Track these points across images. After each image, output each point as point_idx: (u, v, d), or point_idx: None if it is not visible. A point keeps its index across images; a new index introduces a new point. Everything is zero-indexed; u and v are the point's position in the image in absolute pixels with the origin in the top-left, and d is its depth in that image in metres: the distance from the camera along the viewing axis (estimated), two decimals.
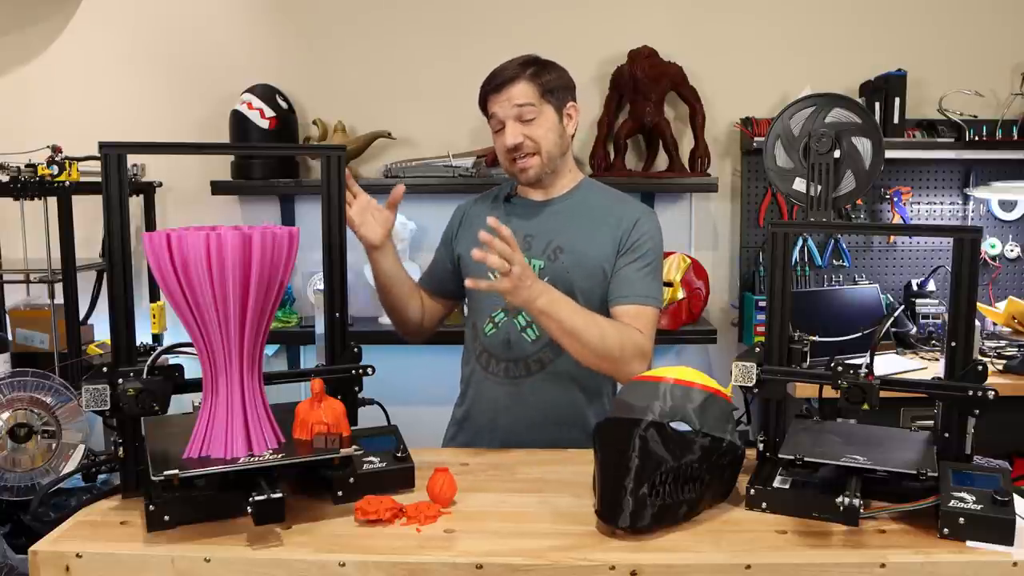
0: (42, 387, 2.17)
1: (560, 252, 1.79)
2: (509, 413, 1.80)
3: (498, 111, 1.78)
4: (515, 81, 1.76)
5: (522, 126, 1.76)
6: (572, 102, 1.84)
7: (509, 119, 1.77)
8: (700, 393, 1.29)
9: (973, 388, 1.26)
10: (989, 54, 2.99)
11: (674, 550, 1.17)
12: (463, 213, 1.97)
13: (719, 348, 3.02)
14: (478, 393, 1.85)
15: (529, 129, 1.77)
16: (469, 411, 1.87)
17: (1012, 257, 3.05)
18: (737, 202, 3.06)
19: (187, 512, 1.23)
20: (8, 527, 2.22)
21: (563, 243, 1.80)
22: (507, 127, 1.77)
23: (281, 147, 3.04)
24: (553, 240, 1.80)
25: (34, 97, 3.04)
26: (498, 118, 1.78)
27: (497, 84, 1.78)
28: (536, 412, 1.79)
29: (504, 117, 1.77)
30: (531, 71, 1.78)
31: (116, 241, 1.30)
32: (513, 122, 1.76)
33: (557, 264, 1.78)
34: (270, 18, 3.04)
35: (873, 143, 1.62)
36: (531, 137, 1.77)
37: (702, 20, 3.01)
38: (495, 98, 1.78)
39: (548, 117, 1.78)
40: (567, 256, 1.79)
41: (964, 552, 1.15)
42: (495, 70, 1.80)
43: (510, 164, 1.81)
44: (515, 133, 1.76)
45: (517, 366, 1.79)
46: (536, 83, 1.77)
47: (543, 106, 1.77)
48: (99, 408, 1.28)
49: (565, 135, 1.83)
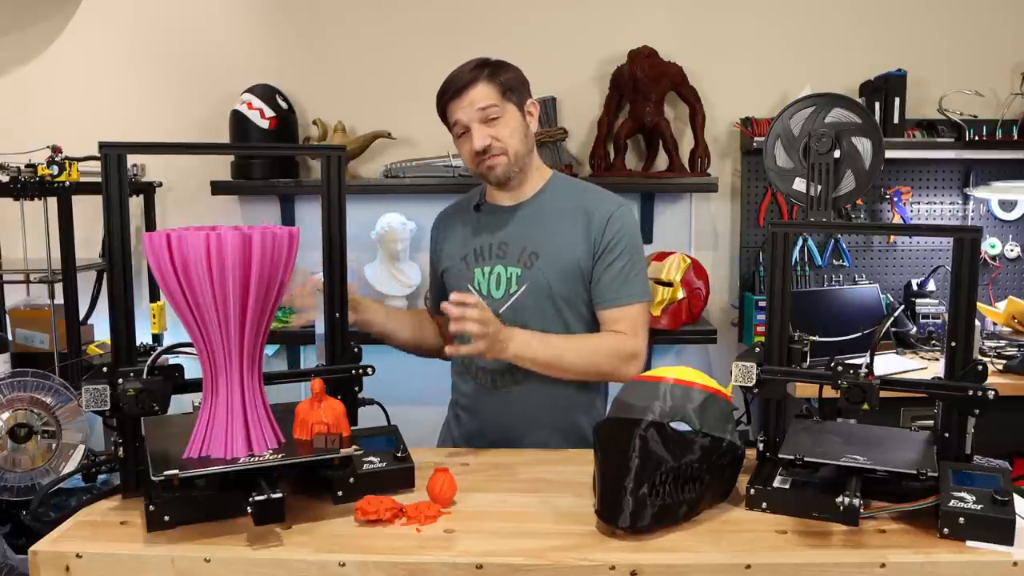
0: (42, 387, 2.16)
1: (536, 258, 1.77)
2: (498, 421, 1.79)
3: (461, 116, 1.74)
4: (474, 83, 1.72)
5: (487, 127, 1.73)
6: (531, 99, 1.81)
7: (474, 122, 1.73)
8: (700, 393, 1.29)
9: (973, 388, 1.26)
10: (989, 54, 2.99)
11: (674, 550, 1.17)
12: (439, 230, 1.94)
13: (719, 348, 3.01)
14: (473, 401, 1.83)
15: (495, 130, 1.74)
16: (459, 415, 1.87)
17: (1012, 257, 3.05)
18: (737, 202, 3.06)
19: (187, 512, 1.23)
20: (8, 527, 2.22)
21: (537, 248, 1.77)
22: (473, 130, 1.73)
23: (281, 147, 3.04)
24: (527, 246, 1.78)
25: (34, 97, 3.04)
26: (462, 123, 1.74)
27: (456, 89, 1.73)
28: (524, 418, 1.78)
29: (468, 121, 1.73)
30: (488, 72, 1.74)
31: (116, 241, 1.30)
32: (478, 124, 1.73)
33: (534, 270, 1.76)
34: (270, 18, 3.04)
35: (873, 143, 1.62)
36: (497, 137, 1.74)
37: (702, 20, 3.00)
38: (456, 104, 1.74)
39: (512, 116, 1.76)
40: (543, 261, 1.76)
41: (964, 552, 1.15)
42: (450, 77, 1.76)
43: (477, 166, 1.77)
44: (482, 135, 1.72)
45: (503, 377, 1.78)
46: (495, 83, 1.74)
47: (505, 105, 1.74)
48: (99, 408, 1.28)
49: (529, 132, 1.80)
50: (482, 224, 1.84)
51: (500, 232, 1.81)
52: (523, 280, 1.76)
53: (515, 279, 1.76)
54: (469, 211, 1.88)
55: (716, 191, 2.94)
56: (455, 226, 1.89)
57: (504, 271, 1.77)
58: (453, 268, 1.85)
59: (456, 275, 1.83)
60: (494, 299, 1.77)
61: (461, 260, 1.82)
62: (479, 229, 1.83)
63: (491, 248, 1.80)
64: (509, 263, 1.78)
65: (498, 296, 1.77)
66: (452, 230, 1.89)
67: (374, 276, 2.92)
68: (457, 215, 1.92)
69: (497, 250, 1.79)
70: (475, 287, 1.77)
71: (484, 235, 1.82)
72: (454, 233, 1.88)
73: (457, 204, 1.96)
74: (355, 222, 1.86)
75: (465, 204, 1.93)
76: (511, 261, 1.78)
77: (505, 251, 1.79)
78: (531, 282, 1.75)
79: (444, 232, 1.92)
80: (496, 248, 1.79)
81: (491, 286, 1.78)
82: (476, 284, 1.78)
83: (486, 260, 1.80)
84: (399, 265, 2.91)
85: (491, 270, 1.78)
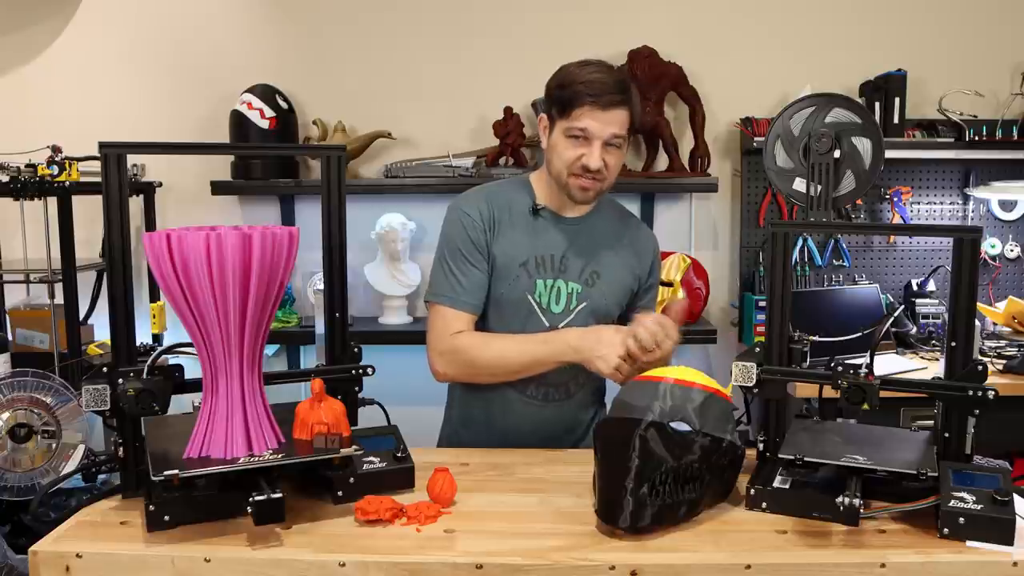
0: (42, 387, 2.17)
1: (597, 277, 1.76)
2: (535, 433, 1.77)
3: (594, 129, 1.64)
4: (623, 106, 1.65)
5: (607, 152, 1.66)
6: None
7: (600, 141, 1.65)
8: (700, 393, 1.29)
9: (973, 388, 1.26)
10: (989, 54, 2.99)
11: (674, 550, 1.17)
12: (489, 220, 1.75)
13: (719, 348, 3.01)
14: (501, 409, 1.79)
15: (610, 158, 1.67)
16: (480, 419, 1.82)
17: (1012, 257, 3.05)
18: (737, 202, 3.06)
19: (187, 512, 1.22)
20: (8, 527, 2.22)
21: (597, 267, 1.77)
22: (595, 147, 1.65)
23: (281, 147, 3.04)
24: (588, 264, 1.76)
25: (34, 97, 3.04)
26: (590, 133, 1.64)
27: (605, 102, 1.63)
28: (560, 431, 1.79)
29: (597, 136, 1.64)
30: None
31: (116, 241, 1.29)
32: (601, 144, 1.65)
33: (595, 289, 1.76)
34: (270, 18, 3.04)
35: (873, 143, 1.63)
36: (608, 165, 1.68)
37: (702, 20, 3.01)
38: (597, 113, 1.63)
39: (623, 152, 1.71)
40: (603, 282, 1.77)
41: (964, 552, 1.15)
42: (600, 79, 1.64)
43: (572, 176, 1.69)
44: (598, 156, 1.65)
45: (558, 391, 1.78)
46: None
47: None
48: (99, 408, 1.28)
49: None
50: (541, 231, 1.76)
51: (561, 245, 1.76)
52: (583, 298, 1.75)
53: (575, 296, 1.75)
54: (522, 209, 1.77)
55: (716, 191, 2.94)
56: (511, 222, 1.76)
57: (565, 287, 1.75)
58: (509, 269, 1.74)
59: (513, 280, 1.74)
60: (553, 313, 1.74)
61: (520, 266, 1.74)
62: (538, 235, 1.76)
63: (553, 261, 1.75)
64: (570, 279, 1.75)
65: (557, 311, 1.74)
66: (509, 226, 1.76)
67: (374, 276, 2.93)
68: (508, 209, 1.77)
69: (559, 264, 1.75)
70: (535, 299, 1.74)
71: (544, 244, 1.76)
72: (512, 230, 1.76)
73: (499, 195, 1.78)
74: (355, 222, 1.86)
75: (511, 199, 1.78)
76: (572, 277, 1.75)
77: (566, 266, 1.75)
78: (590, 300, 1.75)
79: (498, 223, 1.75)
80: (558, 262, 1.75)
81: (551, 301, 1.75)
82: (537, 296, 1.74)
83: (547, 272, 1.74)
84: (399, 265, 2.91)
85: (552, 283, 1.74)
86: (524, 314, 1.73)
